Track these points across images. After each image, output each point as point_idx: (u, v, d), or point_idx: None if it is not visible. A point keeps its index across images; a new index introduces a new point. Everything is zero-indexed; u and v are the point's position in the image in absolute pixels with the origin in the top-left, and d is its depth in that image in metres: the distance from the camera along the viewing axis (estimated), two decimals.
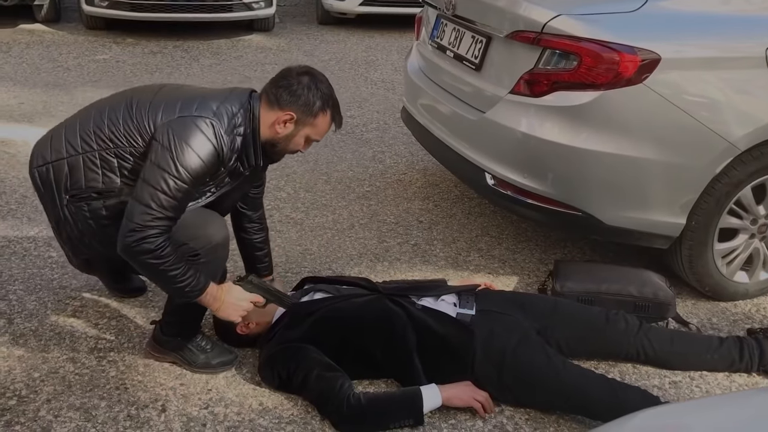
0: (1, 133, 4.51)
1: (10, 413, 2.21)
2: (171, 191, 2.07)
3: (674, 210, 2.77)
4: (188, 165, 2.09)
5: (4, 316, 2.68)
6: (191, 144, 2.11)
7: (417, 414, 2.18)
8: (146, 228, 2.04)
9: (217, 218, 2.30)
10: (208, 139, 2.13)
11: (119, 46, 6.91)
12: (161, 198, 2.06)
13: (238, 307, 2.26)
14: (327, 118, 2.32)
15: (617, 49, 2.59)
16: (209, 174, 2.19)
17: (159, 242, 2.05)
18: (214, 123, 2.15)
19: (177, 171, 2.08)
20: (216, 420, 2.22)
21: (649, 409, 1.44)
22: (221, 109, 2.20)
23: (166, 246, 2.06)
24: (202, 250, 2.21)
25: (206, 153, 2.12)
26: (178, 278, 2.10)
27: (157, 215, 2.05)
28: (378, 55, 7.14)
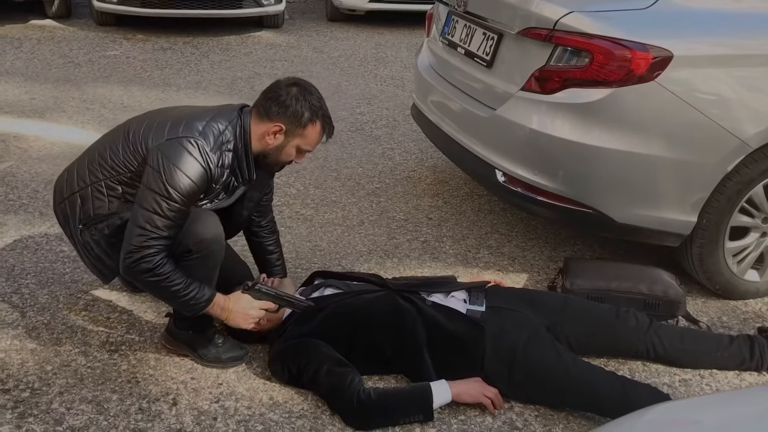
0: (13, 128, 4.54)
1: (24, 405, 2.22)
2: (163, 212, 2.16)
3: (685, 208, 2.77)
4: (177, 186, 2.17)
5: (17, 309, 2.70)
6: (179, 165, 2.19)
7: (427, 410, 2.19)
8: (142, 248, 2.14)
9: (207, 215, 2.31)
10: (195, 159, 2.20)
11: (129, 42, 6.94)
12: (155, 219, 2.15)
13: (248, 315, 2.32)
14: (317, 128, 2.35)
15: (629, 46, 2.59)
16: (200, 191, 2.25)
17: (156, 260, 2.15)
18: (199, 142, 2.22)
19: (167, 192, 2.16)
20: (227, 414, 2.23)
21: (661, 404, 1.44)
22: (207, 128, 2.27)
23: (164, 263, 2.16)
24: (193, 246, 2.24)
25: (194, 172, 2.20)
26: (181, 293, 2.19)
27: (152, 235, 2.15)
28: (387, 52, 7.14)
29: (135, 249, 2.14)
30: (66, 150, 4.22)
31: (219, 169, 2.27)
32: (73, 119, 4.77)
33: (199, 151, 2.21)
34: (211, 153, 2.23)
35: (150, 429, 2.15)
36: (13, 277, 2.91)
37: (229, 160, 2.29)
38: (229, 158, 2.30)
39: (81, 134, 4.49)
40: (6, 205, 3.52)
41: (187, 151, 2.20)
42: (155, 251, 2.15)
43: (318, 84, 2.43)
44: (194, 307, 2.24)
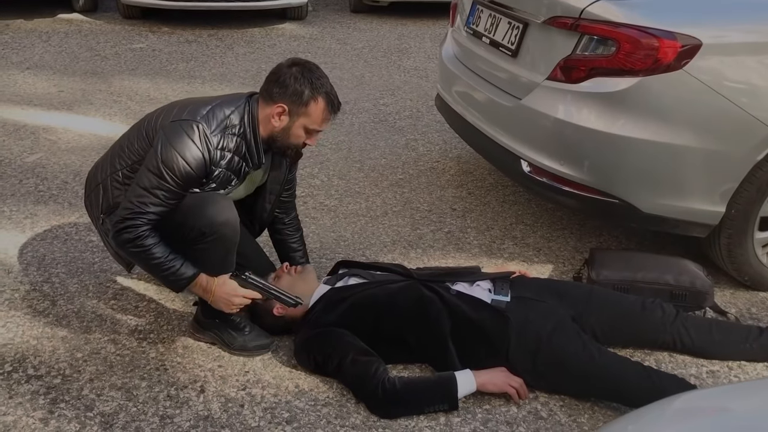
0: (43, 121, 4.61)
1: (56, 391, 2.27)
2: (151, 189, 2.22)
3: (713, 198, 2.74)
4: (170, 165, 2.22)
5: (47, 298, 2.75)
6: (175, 146, 2.23)
7: (452, 399, 2.20)
8: (126, 220, 2.22)
9: (220, 199, 2.33)
10: (192, 142, 2.24)
11: (155, 35, 7.00)
12: (144, 196, 2.22)
13: (230, 301, 2.34)
14: (320, 105, 2.34)
15: (656, 34, 2.56)
16: (196, 175, 2.26)
17: (139, 232, 2.21)
18: (200, 126, 2.26)
19: (159, 170, 2.21)
20: (253, 401, 2.26)
21: (689, 392, 1.43)
22: (210, 113, 2.30)
23: (145, 236, 2.22)
24: (206, 229, 2.26)
25: (190, 155, 2.23)
26: (162, 266, 2.25)
27: (137, 210, 2.21)
28: (411, 43, 7.13)
29: (120, 220, 2.23)
30: (94, 142, 4.28)
31: (219, 151, 2.28)
32: (101, 111, 4.83)
33: (198, 134, 2.24)
34: (212, 136, 2.26)
35: (178, 415, 2.19)
36: (44, 266, 2.96)
37: (234, 143, 2.31)
38: (234, 142, 2.31)
39: (108, 126, 4.54)
40: (36, 196, 3.58)
41: (186, 134, 2.24)
42: (139, 224, 2.21)
43: (341, 75, 2.45)
44: (176, 283, 2.29)
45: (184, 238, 2.30)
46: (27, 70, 5.67)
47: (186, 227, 2.27)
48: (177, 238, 2.31)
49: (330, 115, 2.39)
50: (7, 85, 5.29)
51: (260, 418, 2.19)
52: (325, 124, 2.41)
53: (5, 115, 4.69)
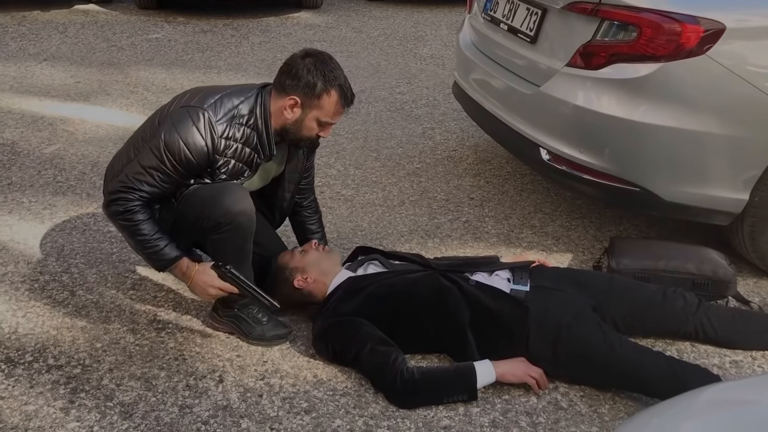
0: (60, 112, 4.63)
1: (76, 381, 2.28)
2: (148, 169, 2.24)
3: (736, 185, 2.69)
4: (171, 149, 2.23)
5: (66, 288, 2.76)
6: (179, 130, 2.24)
7: (471, 390, 2.18)
8: (119, 192, 2.25)
9: (237, 189, 2.32)
10: (196, 128, 2.24)
11: (170, 25, 7.00)
12: (140, 172, 2.25)
13: (205, 290, 2.35)
14: (332, 98, 2.32)
15: (679, 19, 2.51)
16: (196, 163, 2.25)
17: (129, 207, 2.24)
18: (207, 113, 2.25)
19: (160, 152, 2.24)
20: (272, 391, 2.26)
21: (718, 384, 1.40)
22: (219, 102, 2.29)
23: (135, 211, 2.24)
24: (222, 219, 2.26)
25: (192, 141, 2.23)
26: (146, 244, 2.27)
27: (131, 185, 2.24)
28: (427, 31, 7.07)
29: (114, 191, 2.26)
30: (111, 132, 4.29)
31: (224, 140, 2.27)
32: (118, 102, 4.84)
33: (203, 121, 2.24)
34: (218, 124, 2.25)
35: (197, 405, 2.19)
36: (63, 256, 2.98)
37: (241, 133, 2.29)
38: (241, 132, 2.30)
39: (125, 117, 4.55)
40: (55, 186, 3.60)
41: (191, 120, 2.24)
42: (131, 198, 2.24)
43: (357, 64, 2.42)
44: (158, 262, 2.31)
45: (201, 228, 2.30)
46: (44, 62, 5.70)
47: (203, 217, 2.28)
48: (194, 227, 2.32)
49: (343, 108, 2.37)
50: (24, 77, 5.32)
51: (279, 407, 2.19)
52: (338, 117, 2.39)
53: (23, 106, 4.72)
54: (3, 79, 5.26)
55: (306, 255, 2.55)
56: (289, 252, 2.62)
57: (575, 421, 2.16)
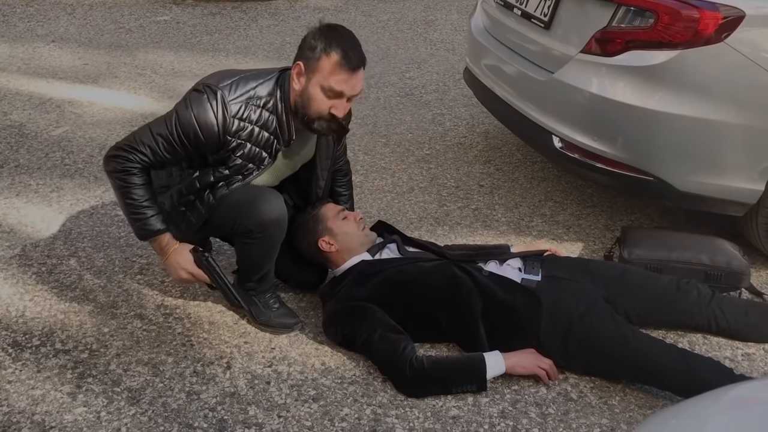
0: (68, 94, 4.60)
1: (83, 366, 2.27)
2: (155, 134, 2.21)
3: (752, 176, 2.65)
4: (182, 121, 2.21)
5: (74, 272, 2.75)
6: (192, 105, 2.21)
7: (480, 381, 2.16)
8: (120, 149, 2.22)
9: (273, 197, 2.30)
10: (209, 105, 2.20)
11: (179, 7, 6.95)
12: (147, 135, 2.22)
13: (177, 272, 2.31)
14: (332, 58, 2.16)
15: (697, 5, 2.47)
16: (204, 138, 2.20)
17: (126, 166, 2.20)
18: (222, 92, 2.21)
19: (170, 122, 2.21)
20: (280, 378, 2.24)
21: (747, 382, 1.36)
22: (236, 83, 2.25)
23: (133, 173, 2.20)
24: (254, 227, 2.25)
25: (204, 116, 2.19)
26: (133, 208, 2.23)
27: (133, 146, 2.21)
28: (437, 15, 7.00)
29: (116, 147, 2.23)
30: (119, 115, 4.27)
31: (238, 120, 2.21)
32: (126, 85, 4.82)
33: (217, 100, 2.20)
34: (232, 103, 2.20)
35: (205, 392, 2.18)
36: (71, 240, 2.96)
37: (257, 116, 2.24)
38: (258, 114, 2.24)
39: (133, 99, 4.53)
40: (62, 169, 3.58)
41: (206, 97, 2.21)
42: (131, 158, 2.20)
43: (367, 48, 2.34)
44: (141, 230, 2.26)
45: (232, 231, 2.30)
46: (52, 43, 5.67)
47: (236, 223, 2.26)
48: (225, 229, 2.32)
49: (346, 73, 2.16)
50: (32, 58, 5.29)
51: (287, 395, 2.18)
52: (344, 84, 2.18)
53: (31, 88, 4.69)
54: (11, 60, 5.24)
55: (345, 223, 2.49)
56: (333, 208, 2.54)
57: (585, 413, 2.14)
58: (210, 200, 2.32)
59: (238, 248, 2.39)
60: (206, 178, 2.30)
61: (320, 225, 2.48)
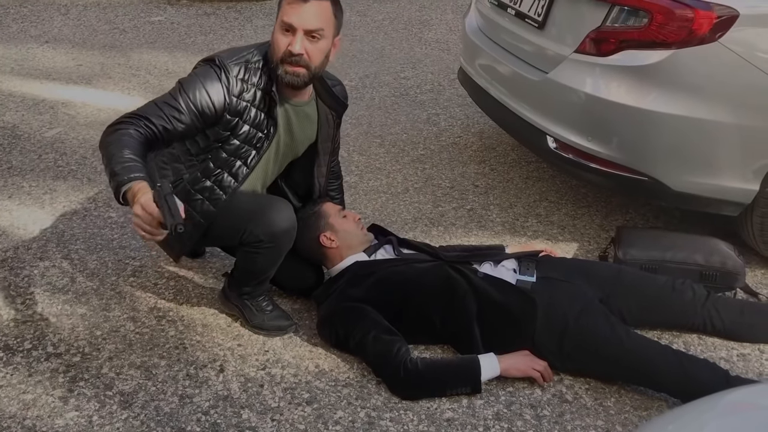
0: (62, 95, 4.58)
1: (75, 369, 2.26)
2: (160, 102, 2.15)
3: (746, 175, 2.65)
4: (186, 86, 2.16)
5: (67, 275, 2.73)
6: (197, 73, 2.21)
7: (475, 383, 2.15)
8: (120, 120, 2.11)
9: (283, 205, 2.29)
10: (212, 69, 2.19)
11: (173, 8, 6.92)
12: (150, 106, 2.15)
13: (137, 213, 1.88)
14: None
15: (691, 5, 2.46)
16: (210, 99, 2.15)
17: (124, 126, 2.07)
18: (219, 57, 2.21)
19: (175, 91, 2.16)
20: (273, 381, 2.23)
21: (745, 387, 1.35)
22: (232, 50, 2.26)
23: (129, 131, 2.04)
24: (264, 237, 2.23)
25: (208, 79, 2.17)
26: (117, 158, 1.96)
27: (135, 114, 2.12)
28: (432, 15, 6.99)
29: (117, 120, 2.12)
30: (113, 116, 4.19)
31: (241, 82, 2.19)
32: (119, 85, 4.79)
33: (218, 63, 2.19)
34: (232, 64, 2.19)
35: (198, 395, 2.17)
36: (63, 242, 2.95)
37: (258, 77, 2.22)
38: (258, 76, 2.22)
39: (127, 100, 4.51)
40: (55, 171, 3.56)
41: (208, 65, 2.20)
42: (134, 123, 2.08)
43: (362, 48, 2.35)
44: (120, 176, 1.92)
45: (239, 240, 2.26)
46: (45, 44, 5.64)
47: (245, 231, 2.23)
48: (232, 238, 2.29)
49: (295, 3, 2.14)
50: (26, 59, 5.26)
51: (280, 398, 2.17)
52: (292, 14, 2.14)
53: (24, 89, 4.67)
54: (4, 61, 5.21)
55: (345, 221, 2.52)
56: (334, 207, 2.57)
57: (580, 414, 2.14)
58: (231, 183, 2.27)
59: (243, 257, 2.35)
60: (219, 156, 2.26)
61: (322, 221, 2.50)
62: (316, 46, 2.19)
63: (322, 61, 2.24)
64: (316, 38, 2.19)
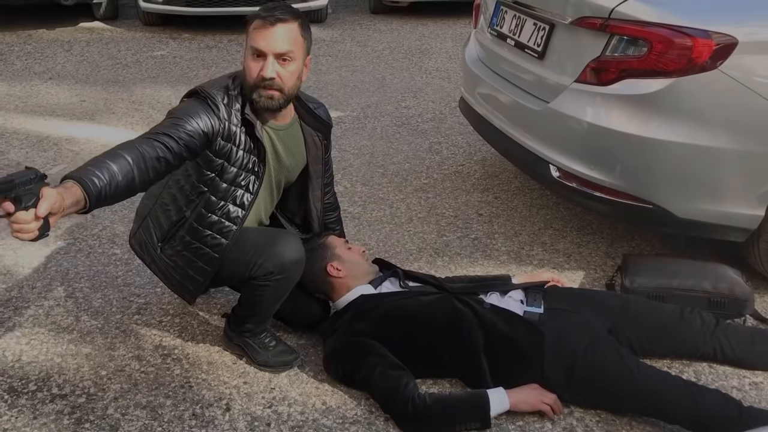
0: (65, 131, 4.61)
1: (80, 411, 2.24)
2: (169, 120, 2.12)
3: (751, 201, 2.64)
4: (176, 108, 2.16)
5: (71, 314, 2.72)
6: (183, 102, 2.20)
7: (484, 419, 2.12)
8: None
9: (292, 237, 2.30)
10: (197, 97, 2.18)
11: (176, 42, 7.00)
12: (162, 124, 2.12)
13: None
14: (252, 24, 2.20)
15: (690, 33, 2.47)
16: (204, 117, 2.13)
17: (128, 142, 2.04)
18: (201, 87, 2.20)
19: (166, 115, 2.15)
20: (280, 419, 2.21)
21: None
22: (207, 82, 2.25)
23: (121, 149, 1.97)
24: (274, 269, 2.23)
25: (197, 102, 2.16)
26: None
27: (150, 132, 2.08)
28: (432, 44, 7.05)
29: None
30: None
31: (225, 107, 2.18)
32: (123, 121, 4.83)
33: (202, 93, 2.18)
34: (214, 91, 2.18)
35: None
36: (68, 280, 2.94)
37: (240, 103, 2.21)
38: (241, 101, 2.21)
39: (131, 135, 4.47)
40: None
41: (193, 97, 2.19)
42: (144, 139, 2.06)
43: (363, 78, 2.38)
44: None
45: (248, 275, 2.25)
46: (49, 80, 5.69)
47: (255, 265, 2.23)
48: (241, 274, 2.27)
49: (262, 28, 2.17)
50: (30, 96, 5.31)
51: None
52: (260, 40, 2.16)
53: (28, 126, 4.70)
54: (8, 99, 5.26)
55: (351, 252, 2.54)
56: (339, 239, 2.59)
57: None
58: (238, 213, 2.27)
59: (251, 291, 2.32)
60: (219, 187, 2.26)
61: (329, 251, 2.51)
62: (287, 69, 2.21)
63: (294, 83, 2.26)
64: (287, 61, 2.20)
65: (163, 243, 2.36)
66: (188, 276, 2.35)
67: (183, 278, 2.36)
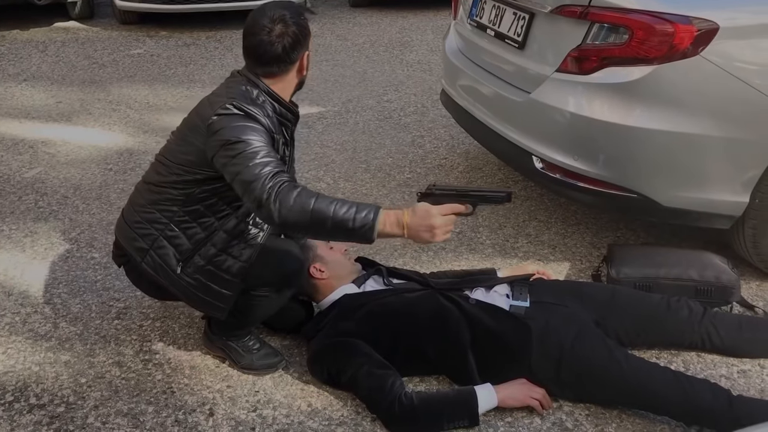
0: (41, 134, 4.52)
1: (59, 421, 2.18)
2: (252, 152, 1.99)
3: (735, 188, 2.62)
4: (246, 133, 2.04)
5: (49, 320, 2.66)
6: (233, 121, 2.06)
7: (472, 416, 2.09)
8: (269, 190, 1.93)
9: (292, 248, 2.30)
10: (243, 109, 2.08)
11: (153, 40, 6.90)
12: (253, 163, 1.97)
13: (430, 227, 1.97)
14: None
15: (671, 19, 2.44)
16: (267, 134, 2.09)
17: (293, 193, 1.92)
18: (236, 102, 2.10)
19: (242, 139, 2.02)
20: (264, 423, 2.17)
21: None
22: (231, 96, 2.13)
23: (301, 193, 1.93)
24: (274, 279, 2.24)
25: (248, 117, 2.08)
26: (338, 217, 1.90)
27: (268, 174, 1.96)
28: (413, 36, 7.00)
29: (266, 198, 1.92)
30: (94, 153, 4.19)
31: (266, 119, 2.12)
32: (100, 121, 4.74)
33: (241, 106, 2.09)
34: (246, 106, 2.10)
35: None
36: (45, 286, 2.88)
37: (267, 109, 2.16)
38: (266, 109, 2.16)
39: (108, 136, 4.45)
40: (36, 212, 3.50)
41: (234, 109, 2.08)
42: (282, 182, 1.94)
43: (343, 72, 2.35)
44: (364, 232, 1.92)
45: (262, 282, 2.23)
46: (24, 82, 5.59)
47: (273, 274, 2.23)
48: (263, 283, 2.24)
49: None
50: (4, 98, 5.21)
51: None
52: None
53: (2, 129, 4.61)
54: None
55: (332, 252, 2.51)
56: (320, 242, 2.56)
57: None
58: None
59: (247, 302, 2.27)
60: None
61: (310, 252, 2.47)
62: None
63: None
64: None
65: (185, 263, 2.21)
66: (212, 292, 2.22)
67: (208, 294, 2.23)
